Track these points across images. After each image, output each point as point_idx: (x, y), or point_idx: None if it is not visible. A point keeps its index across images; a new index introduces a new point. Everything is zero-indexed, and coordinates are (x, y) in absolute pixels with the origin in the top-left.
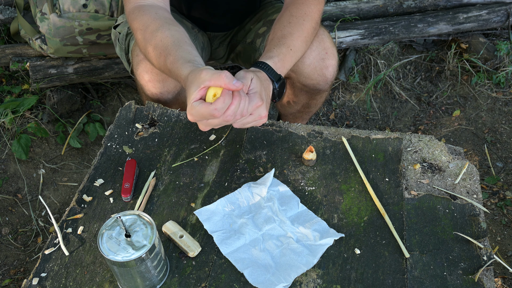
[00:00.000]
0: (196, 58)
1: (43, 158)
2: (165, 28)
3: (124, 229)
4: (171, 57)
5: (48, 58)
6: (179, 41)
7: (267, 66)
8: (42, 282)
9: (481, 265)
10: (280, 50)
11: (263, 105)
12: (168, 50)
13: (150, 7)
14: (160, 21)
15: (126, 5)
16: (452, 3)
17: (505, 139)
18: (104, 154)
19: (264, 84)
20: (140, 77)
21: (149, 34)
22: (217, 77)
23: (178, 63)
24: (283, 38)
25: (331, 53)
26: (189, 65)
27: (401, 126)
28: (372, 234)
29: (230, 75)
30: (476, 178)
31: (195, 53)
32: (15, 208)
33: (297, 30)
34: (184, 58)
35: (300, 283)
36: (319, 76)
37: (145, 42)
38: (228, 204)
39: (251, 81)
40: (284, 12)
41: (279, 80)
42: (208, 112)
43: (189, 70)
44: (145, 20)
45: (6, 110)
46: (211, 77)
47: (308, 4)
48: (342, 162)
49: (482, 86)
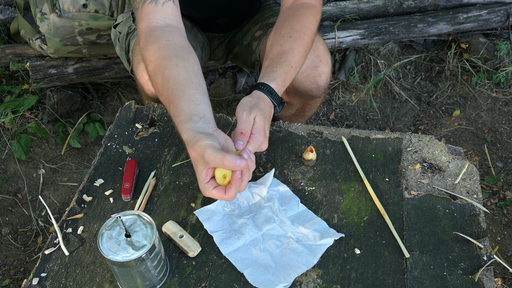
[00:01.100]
0: (199, 108)
1: (43, 158)
2: (173, 64)
3: (124, 229)
4: (174, 106)
5: (48, 58)
6: (184, 84)
7: (270, 89)
8: (42, 282)
9: (481, 265)
10: (282, 69)
11: (266, 141)
12: (172, 98)
13: (162, 31)
14: (170, 53)
15: (138, 23)
16: (452, 3)
17: (505, 139)
18: (104, 154)
19: (266, 114)
20: (140, 76)
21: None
22: (221, 162)
23: (179, 118)
24: (284, 54)
25: (324, 61)
26: (187, 126)
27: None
28: (372, 234)
29: (233, 157)
30: (476, 178)
31: (199, 98)
32: (15, 208)
33: (298, 45)
34: (185, 114)
35: (300, 283)
36: (311, 83)
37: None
38: (228, 204)
39: (254, 120)
40: (283, 23)
41: (281, 104)
42: (222, 198)
43: (187, 135)
44: (154, 50)
45: (6, 110)
46: (214, 160)
47: (308, 16)
48: (342, 162)
49: (482, 86)
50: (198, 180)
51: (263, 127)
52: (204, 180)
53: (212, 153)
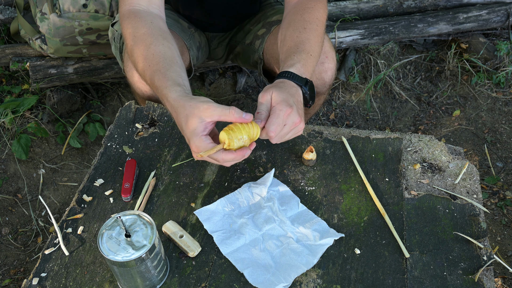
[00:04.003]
0: (185, 82)
1: (43, 158)
2: (159, 42)
3: (124, 229)
4: (159, 74)
5: (48, 58)
6: (170, 59)
7: (290, 73)
8: (42, 282)
9: (481, 265)
10: (300, 56)
11: (293, 111)
12: (158, 66)
13: (146, 14)
14: (155, 32)
15: (121, 6)
16: (452, 3)
17: (505, 139)
18: (104, 154)
19: (290, 92)
20: (130, 74)
21: (141, 44)
22: (227, 114)
23: (167, 83)
24: (301, 44)
25: (330, 57)
26: (178, 89)
27: (401, 126)
28: (372, 234)
29: (238, 110)
30: (476, 178)
31: (185, 77)
32: (15, 208)
33: (313, 35)
34: (174, 80)
35: (300, 283)
36: (317, 80)
37: (135, 49)
38: (228, 204)
39: (271, 95)
40: (295, 16)
41: (307, 84)
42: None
43: (178, 95)
44: (139, 28)
45: (6, 110)
46: (220, 113)
47: (318, 9)
48: (342, 162)
49: (482, 86)
50: (192, 135)
51: (285, 97)
52: (201, 132)
53: (217, 106)
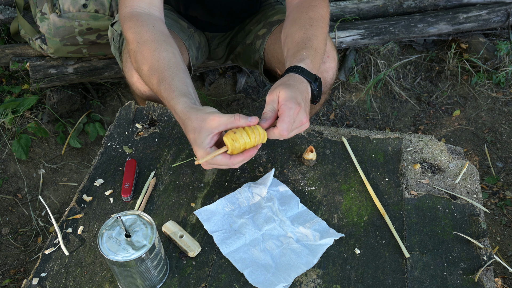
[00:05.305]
0: (191, 90)
1: (43, 158)
2: (162, 47)
3: (124, 229)
4: (165, 84)
5: (48, 58)
6: (175, 66)
7: (300, 68)
8: (42, 282)
9: (481, 265)
10: (308, 52)
11: (301, 109)
12: (163, 75)
13: (147, 17)
14: (158, 37)
15: (121, 8)
16: (452, 3)
17: (505, 139)
18: (104, 154)
19: (300, 88)
20: (129, 74)
21: (146, 50)
22: (233, 122)
23: (174, 93)
24: (309, 40)
25: (332, 56)
26: (185, 100)
27: (401, 126)
28: (372, 234)
29: (243, 116)
30: (476, 178)
31: (190, 83)
32: (15, 208)
33: (319, 33)
34: (180, 90)
35: (300, 283)
36: None
37: (139, 57)
38: (228, 204)
39: (278, 95)
40: (300, 14)
41: (316, 80)
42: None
43: (185, 107)
44: (142, 33)
45: (6, 110)
46: (226, 122)
47: (322, 7)
48: (342, 162)
49: (482, 86)
50: (199, 147)
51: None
52: (208, 144)
53: (222, 115)
